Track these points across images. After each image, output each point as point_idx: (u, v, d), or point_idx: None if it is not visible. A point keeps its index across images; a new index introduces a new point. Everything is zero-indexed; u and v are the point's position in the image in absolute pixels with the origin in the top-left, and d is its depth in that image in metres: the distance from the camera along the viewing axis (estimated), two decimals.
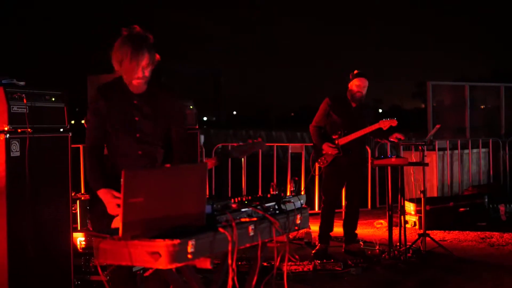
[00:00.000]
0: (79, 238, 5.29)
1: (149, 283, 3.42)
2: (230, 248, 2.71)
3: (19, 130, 4.30)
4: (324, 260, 6.11)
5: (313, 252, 6.71)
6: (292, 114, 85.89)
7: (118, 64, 3.52)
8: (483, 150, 11.34)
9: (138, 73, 3.50)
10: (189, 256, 2.55)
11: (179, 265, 2.54)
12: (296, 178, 6.38)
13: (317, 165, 6.94)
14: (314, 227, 8.45)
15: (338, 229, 8.66)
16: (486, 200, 8.85)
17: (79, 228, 5.52)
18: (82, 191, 7.77)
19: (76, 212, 5.57)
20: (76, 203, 5.59)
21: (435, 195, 10.35)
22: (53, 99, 4.61)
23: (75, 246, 5.12)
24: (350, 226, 6.92)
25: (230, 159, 9.55)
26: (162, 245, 2.48)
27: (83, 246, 5.29)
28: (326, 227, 6.83)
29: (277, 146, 11.65)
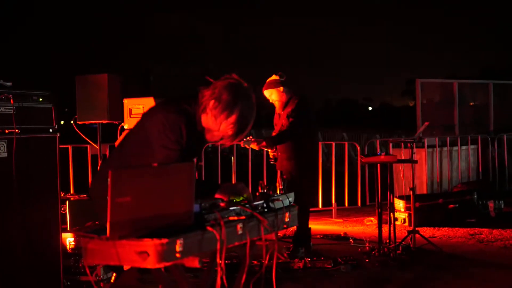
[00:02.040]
0: (68, 239, 5.28)
1: None
2: (218, 246, 2.71)
3: (6, 131, 4.29)
4: (314, 258, 6.13)
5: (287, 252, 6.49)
6: None
7: (216, 108, 3.18)
8: (472, 147, 11.40)
9: (221, 135, 3.25)
10: (178, 255, 2.54)
11: (167, 264, 2.54)
12: (285, 176, 6.37)
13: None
14: None
15: (330, 227, 8.69)
16: (476, 196, 8.89)
17: (68, 229, 5.50)
18: (72, 192, 7.75)
19: (66, 213, 5.55)
20: (65, 203, 5.57)
21: (425, 192, 10.40)
22: (41, 99, 4.60)
23: (64, 246, 5.11)
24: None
25: (219, 157, 9.58)
26: (150, 245, 2.48)
27: (72, 246, 5.28)
28: None
29: None
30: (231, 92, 3.17)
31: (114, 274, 3.11)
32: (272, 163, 6.61)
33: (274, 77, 6.50)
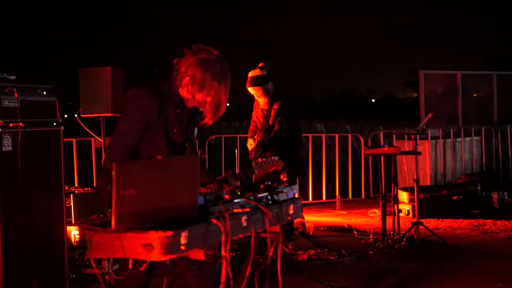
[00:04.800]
0: (73, 232, 5.29)
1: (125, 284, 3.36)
2: (223, 239, 2.72)
3: (11, 125, 4.29)
4: (318, 250, 6.14)
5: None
6: None
7: (193, 85, 3.19)
8: (476, 138, 11.37)
9: (199, 103, 3.25)
10: (183, 247, 2.55)
11: (172, 256, 2.55)
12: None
13: None
14: (308, 217, 8.50)
15: (333, 219, 8.70)
16: (479, 188, 8.89)
17: (73, 222, 5.52)
18: (76, 185, 7.76)
19: (70, 206, 5.57)
20: (70, 196, 5.59)
21: (428, 183, 10.38)
22: (45, 92, 4.60)
23: (69, 239, 5.12)
24: None
25: (223, 149, 9.59)
26: (155, 237, 2.48)
27: (77, 239, 5.29)
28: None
29: None
30: (204, 70, 3.18)
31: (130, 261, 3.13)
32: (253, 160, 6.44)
33: (257, 71, 6.21)
